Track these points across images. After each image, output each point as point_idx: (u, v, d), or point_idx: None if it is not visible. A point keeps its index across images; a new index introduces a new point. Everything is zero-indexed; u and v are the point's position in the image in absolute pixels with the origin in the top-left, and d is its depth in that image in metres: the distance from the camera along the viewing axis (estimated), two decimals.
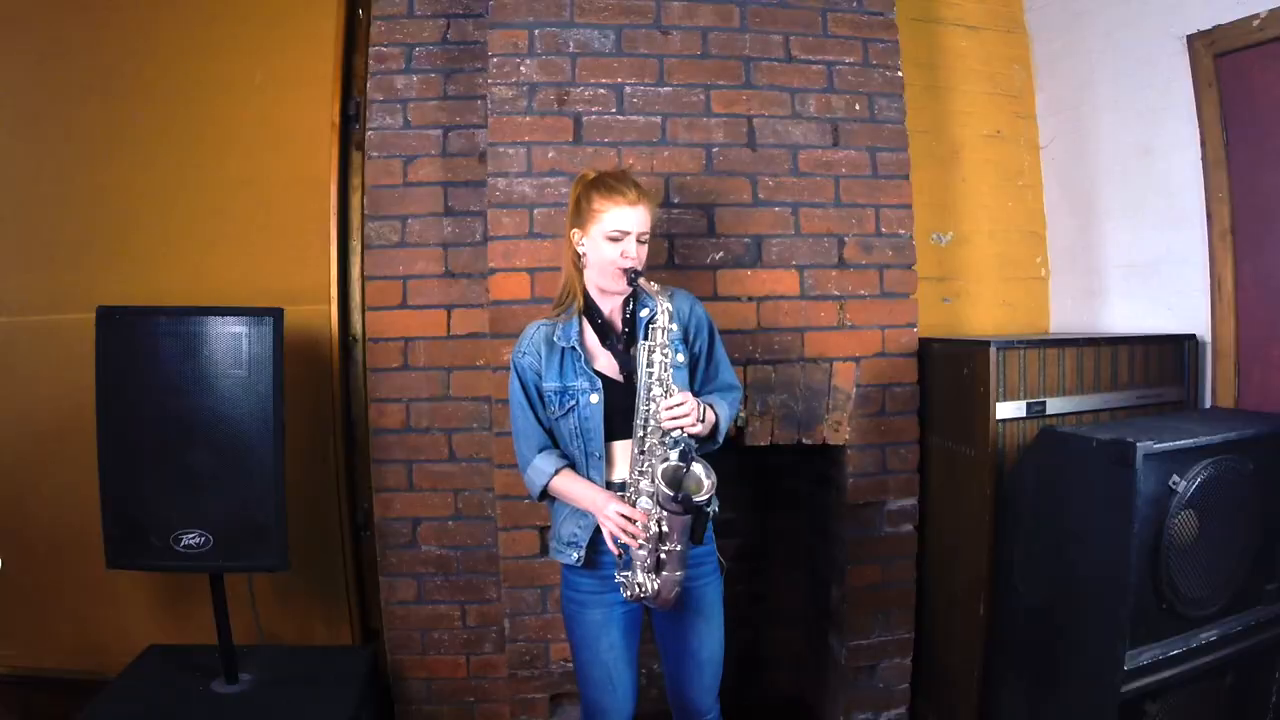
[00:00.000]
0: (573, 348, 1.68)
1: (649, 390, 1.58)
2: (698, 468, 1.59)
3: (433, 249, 2.37)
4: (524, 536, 2.15)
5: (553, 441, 1.73)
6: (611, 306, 1.73)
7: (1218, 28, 2.16)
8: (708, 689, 1.77)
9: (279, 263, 2.42)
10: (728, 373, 1.82)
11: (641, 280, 1.62)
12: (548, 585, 2.15)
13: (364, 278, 2.39)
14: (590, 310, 1.72)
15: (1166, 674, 1.79)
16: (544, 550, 2.13)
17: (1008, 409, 2.05)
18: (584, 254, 1.69)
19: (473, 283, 2.37)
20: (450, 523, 2.37)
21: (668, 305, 1.59)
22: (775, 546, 2.72)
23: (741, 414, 2.19)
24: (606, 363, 1.70)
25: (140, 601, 2.42)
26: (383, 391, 2.36)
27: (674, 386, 1.59)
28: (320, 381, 2.40)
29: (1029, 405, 2.06)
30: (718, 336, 1.82)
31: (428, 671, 2.38)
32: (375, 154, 2.38)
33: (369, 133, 2.39)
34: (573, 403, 1.67)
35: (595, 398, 1.66)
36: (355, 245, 2.42)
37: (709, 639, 1.75)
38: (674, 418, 1.56)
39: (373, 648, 2.38)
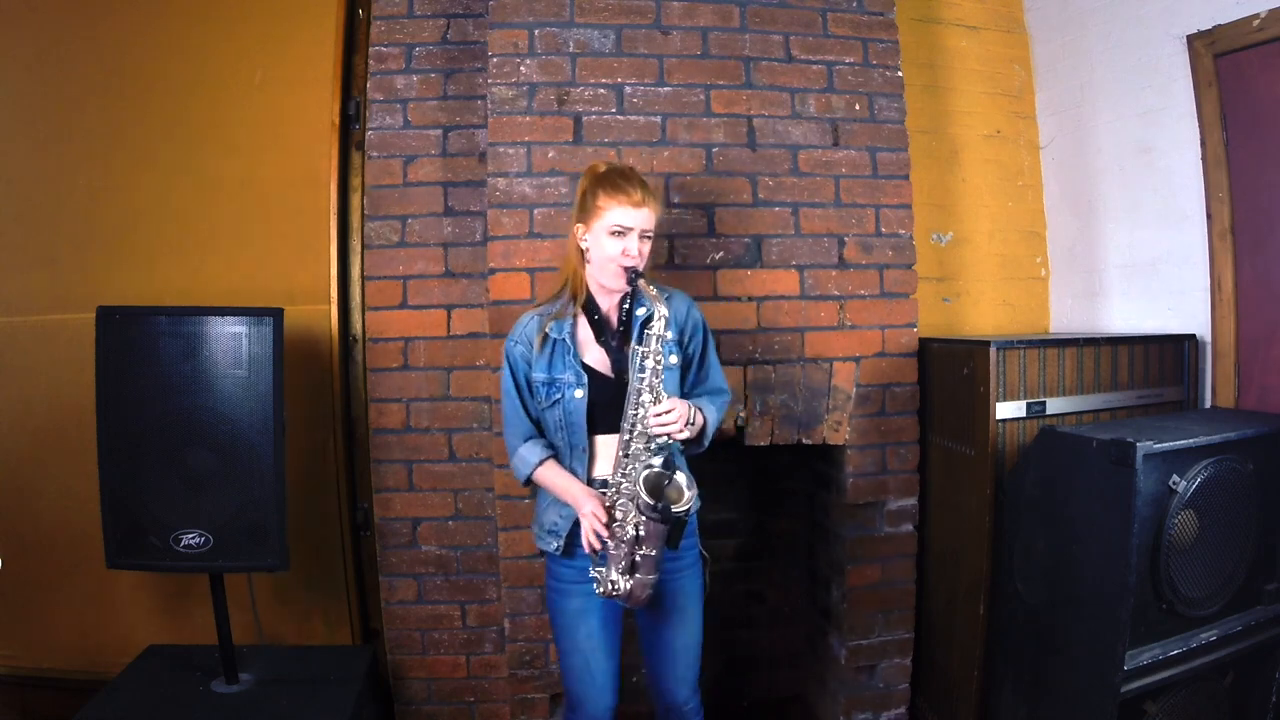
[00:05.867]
0: (563, 340, 1.70)
1: (639, 395, 1.60)
2: (680, 477, 1.61)
3: (433, 249, 2.38)
4: (524, 536, 2.15)
5: (540, 431, 1.76)
6: (609, 303, 1.75)
7: (1218, 28, 2.16)
8: (682, 679, 1.78)
9: (279, 263, 2.42)
10: (718, 377, 1.84)
11: (641, 282, 1.64)
12: None
13: (364, 278, 2.39)
14: (589, 305, 1.74)
15: (1166, 674, 1.78)
16: None
17: (1008, 409, 2.05)
18: (587, 249, 1.71)
19: (473, 283, 2.37)
20: (450, 523, 2.37)
21: (665, 313, 1.60)
22: (775, 546, 2.72)
23: (741, 414, 2.19)
24: (597, 356, 1.72)
25: (140, 601, 2.42)
26: (383, 391, 2.36)
27: (664, 393, 1.60)
28: (320, 381, 2.40)
29: (1029, 405, 2.07)
30: (711, 340, 1.84)
31: (428, 671, 2.38)
32: (375, 154, 2.38)
33: (369, 133, 2.39)
34: (558, 396, 1.69)
35: (580, 393, 1.68)
36: (355, 245, 2.42)
37: (683, 629, 1.77)
38: (662, 424, 1.57)
39: (373, 648, 2.38)
